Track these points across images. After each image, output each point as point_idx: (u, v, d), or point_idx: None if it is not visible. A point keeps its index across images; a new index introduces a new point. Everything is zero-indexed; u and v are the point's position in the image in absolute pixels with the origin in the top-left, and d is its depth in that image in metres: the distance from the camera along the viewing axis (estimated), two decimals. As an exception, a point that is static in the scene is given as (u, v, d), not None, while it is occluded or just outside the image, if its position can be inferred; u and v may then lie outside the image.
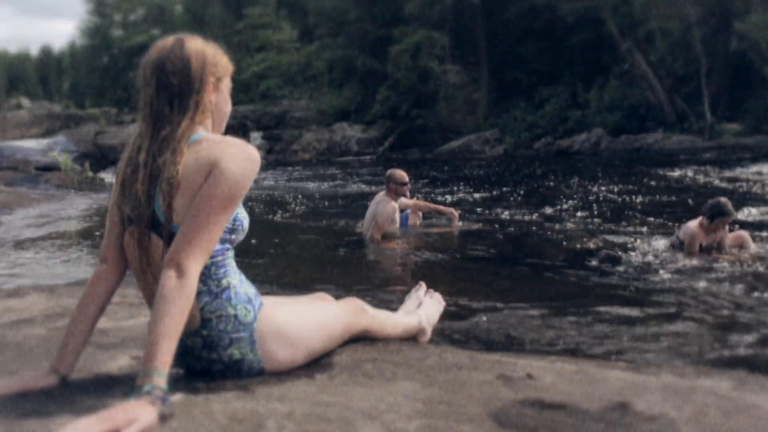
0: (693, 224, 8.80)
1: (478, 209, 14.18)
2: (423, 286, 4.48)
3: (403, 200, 10.58)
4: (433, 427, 2.56)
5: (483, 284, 7.58)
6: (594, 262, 8.66)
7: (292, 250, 10.51)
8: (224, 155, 2.88)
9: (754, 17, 34.35)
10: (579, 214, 13.06)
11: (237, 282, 3.08)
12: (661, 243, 9.49)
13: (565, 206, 14.43)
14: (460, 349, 3.97)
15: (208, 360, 3.06)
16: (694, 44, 36.44)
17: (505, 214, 13.25)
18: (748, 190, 17.02)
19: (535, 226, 11.72)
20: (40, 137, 37.67)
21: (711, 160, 27.52)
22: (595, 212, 13.21)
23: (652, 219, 12.11)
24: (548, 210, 13.75)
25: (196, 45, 3.03)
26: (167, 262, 2.79)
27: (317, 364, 3.31)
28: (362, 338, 3.69)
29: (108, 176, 22.88)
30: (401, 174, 10.31)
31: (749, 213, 12.30)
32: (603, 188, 18.25)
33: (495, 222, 12.25)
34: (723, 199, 8.78)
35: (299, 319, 3.25)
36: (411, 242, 10.16)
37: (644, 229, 10.95)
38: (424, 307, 4.23)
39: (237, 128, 37.44)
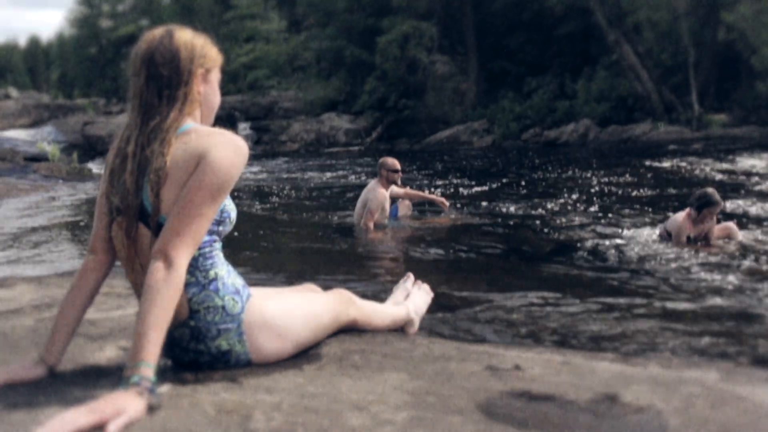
0: (680, 216, 8.81)
1: (467, 201, 14.18)
2: (411, 277, 4.48)
3: (395, 188, 10.63)
4: (421, 418, 2.57)
5: (471, 275, 7.59)
6: (582, 254, 8.68)
7: (280, 241, 10.51)
8: (212, 146, 2.88)
9: (742, 8, 34.32)
10: (567, 205, 13.08)
11: (225, 273, 3.08)
12: (649, 234, 9.51)
13: (553, 197, 14.44)
14: (448, 341, 3.99)
15: (196, 351, 3.06)
16: (682, 35, 36.41)
17: (494, 206, 13.25)
18: (736, 180, 17.04)
19: (523, 217, 11.73)
20: (28, 127, 37.60)
21: (699, 151, 27.56)
22: (583, 203, 13.23)
23: (640, 210, 12.13)
24: (536, 201, 13.76)
25: (186, 36, 3.04)
26: (155, 252, 2.80)
27: (305, 355, 3.31)
28: (350, 329, 3.69)
29: (96, 166, 22.89)
30: (393, 161, 10.38)
31: (737, 204, 12.32)
32: (591, 179, 18.27)
33: (483, 213, 12.26)
34: (710, 190, 8.79)
35: (287, 311, 3.25)
36: (400, 233, 10.18)
37: (632, 220, 10.96)
38: (412, 298, 4.24)
39: (225, 119, 37.37)
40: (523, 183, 18.01)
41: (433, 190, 15.55)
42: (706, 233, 8.80)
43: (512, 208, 12.73)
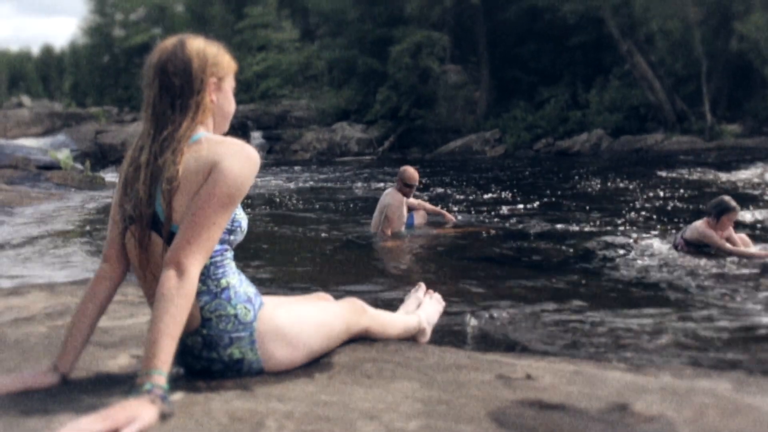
0: (700, 224, 8.80)
1: (479, 210, 14.17)
2: (422, 286, 4.48)
3: (408, 200, 10.65)
4: (433, 427, 2.56)
5: (483, 285, 7.57)
6: (594, 263, 8.67)
7: (292, 250, 10.51)
8: (224, 155, 2.89)
9: (755, 18, 34.32)
10: (579, 214, 13.05)
11: (236, 282, 3.08)
12: (661, 244, 9.49)
13: (565, 207, 14.43)
14: (459, 350, 3.98)
15: (208, 359, 3.06)
16: (695, 45, 36.39)
17: (506, 216, 13.23)
18: (749, 191, 17.00)
19: (536, 227, 11.70)
20: (41, 136, 37.69)
21: (711, 161, 27.48)
22: (595, 213, 13.20)
23: (652, 220, 12.11)
24: (548, 211, 13.75)
25: (198, 45, 3.05)
26: (167, 261, 2.81)
27: (317, 363, 3.31)
28: (362, 338, 3.69)
29: (108, 175, 22.95)
30: (411, 176, 10.36)
31: (751, 215, 12.29)
32: (603, 189, 18.25)
33: (496, 223, 12.24)
34: (726, 197, 8.83)
35: (299, 319, 3.25)
36: (414, 242, 10.17)
37: (645, 230, 10.93)
38: (423, 308, 4.23)
39: (237, 128, 37.39)
40: (535, 193, 17.96)
41: (445, 200, 15.54)
42: (727, 239, 8.79)
43: (525, 218, 12.71)
